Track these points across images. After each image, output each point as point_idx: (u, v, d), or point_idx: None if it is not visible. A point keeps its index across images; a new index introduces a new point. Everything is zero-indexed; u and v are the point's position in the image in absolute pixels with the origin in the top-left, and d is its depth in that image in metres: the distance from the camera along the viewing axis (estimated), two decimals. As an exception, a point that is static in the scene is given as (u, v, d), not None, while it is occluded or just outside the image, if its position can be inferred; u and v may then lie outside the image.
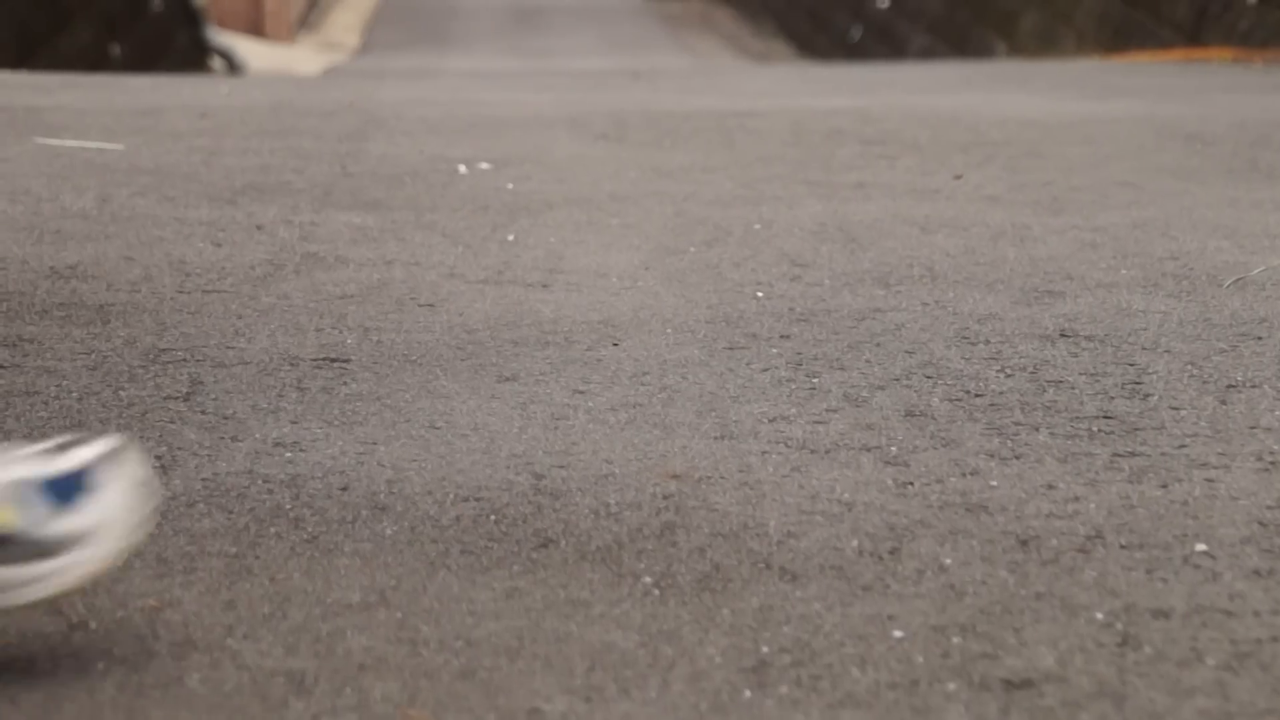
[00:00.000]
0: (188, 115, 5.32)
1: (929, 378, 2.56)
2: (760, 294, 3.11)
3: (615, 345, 2.74)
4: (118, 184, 4.01)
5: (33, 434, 2.26)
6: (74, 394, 2.43)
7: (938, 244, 3.56)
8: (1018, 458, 2.20)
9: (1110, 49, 12.17)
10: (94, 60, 12.82)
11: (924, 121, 5.48)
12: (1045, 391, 2.49)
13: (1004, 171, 4.53)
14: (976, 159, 4.71)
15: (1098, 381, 2.54)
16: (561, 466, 2.16)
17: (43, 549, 1.42)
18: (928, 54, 16.38)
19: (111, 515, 1.42)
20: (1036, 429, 2.32)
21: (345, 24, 26.41)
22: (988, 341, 2.76)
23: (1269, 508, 2.03)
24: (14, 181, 3.97)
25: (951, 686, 1.60)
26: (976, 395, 2.47)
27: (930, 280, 3.22)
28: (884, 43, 18.19)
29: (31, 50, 10.59)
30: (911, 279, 3.23)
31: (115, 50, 13.78)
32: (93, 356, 2.61)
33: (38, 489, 1.41)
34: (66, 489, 1.43)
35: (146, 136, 4.75)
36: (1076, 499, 2.05)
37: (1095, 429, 2.32)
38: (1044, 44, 13.78)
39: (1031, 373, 2.59)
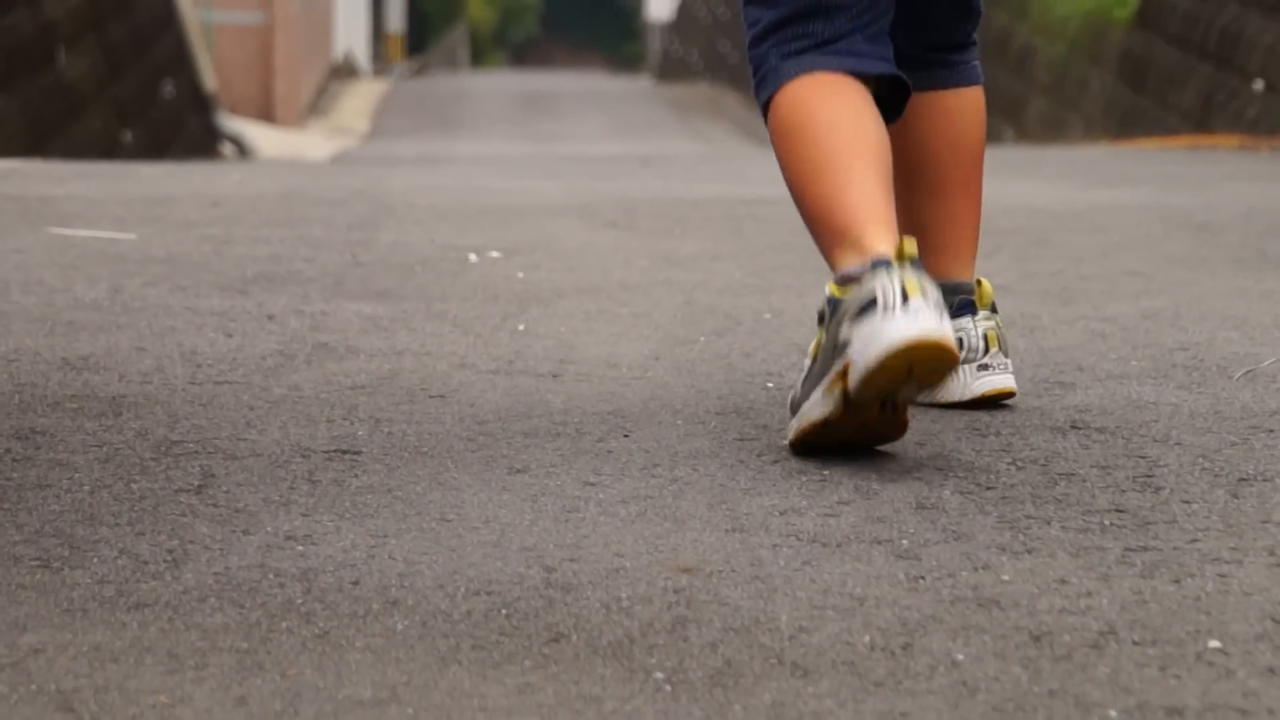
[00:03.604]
0: (199, 204, 5.35)
1: (940, 470, 2.56)
2: (771, 384, 3.11)
3: (626, 436, 2.74)
4: (130, 274, 4.02)
5: (44, 528, 2.27)
6: (86, 487, 2.43)
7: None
8: (1030, 552, 2.20)
9: (1118, 135, 12.21)
10: (106, 147, 12.89)
11: (933, 210, 5.49)
12: (1057, 484, 2.49)
13: (1013, 260, 4.54)
14: (985, 248, 4.72)
15: (1109, 474, 2.54)
16: (573, 560, 2.16)
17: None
18: (935, 140, 16.43)
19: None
20: (1048, 522, 2.32)
21: (355, 110, 26.55)
22: (998, 433, 2.76)
23: (1282, 603, 2.02)
24: (27, 272, 3.99)
25: (965, 785, 1.59)
26: (988, 488, 2.47)
27: (940, 371, 3.22)
28: (892, 129, 18.26)
29: (44, 138, 10.65)
30: (921, 370, 3.23)
31: (127, 137, 13.86)
32: (104, 449, 2.62)
33: None
34: None
35: (158, 226, 4.77)
36: (1089, 594, 2.05)
37: (1107, 523, 2.32)
38: (1051, 130, 13.84)
39: (1043, 465, 2.59)
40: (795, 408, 2.58)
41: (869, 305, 2.41)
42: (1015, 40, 14.90)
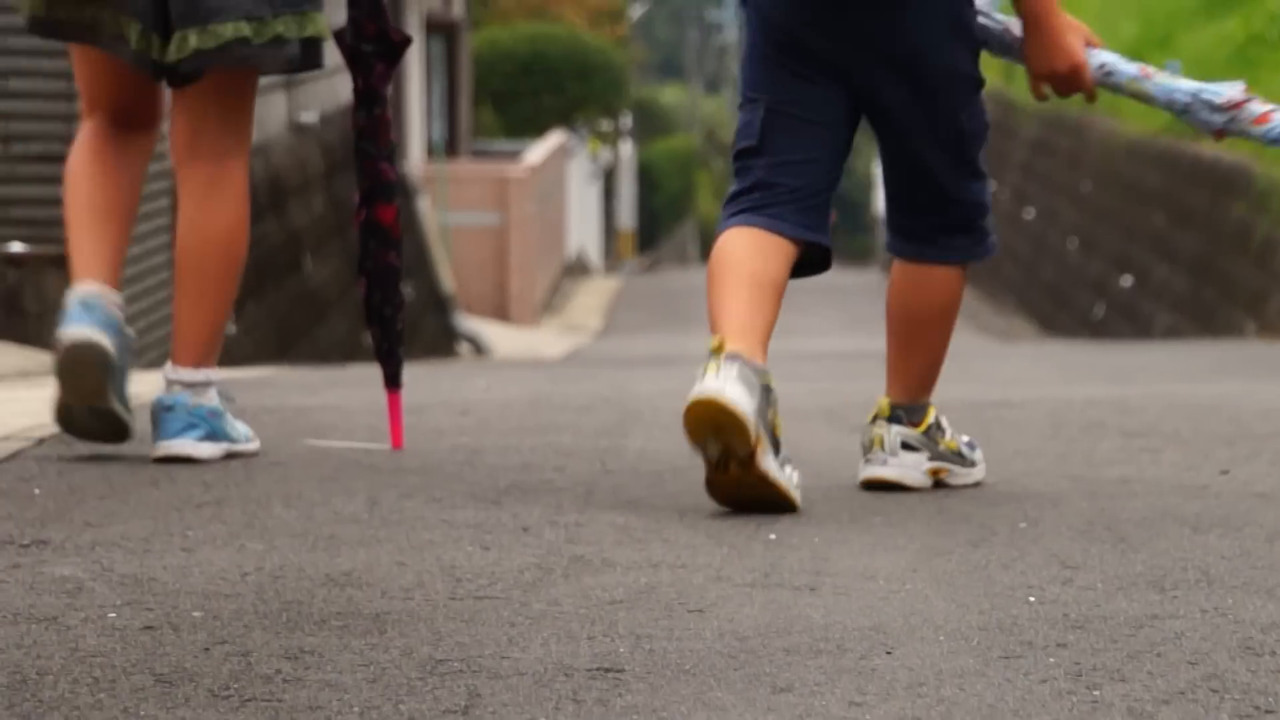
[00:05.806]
0: (448, 412, 5.42)
1: (1214, 691, 2.49)
2: (1032, 598, 3.06)
3: (889, 654, 2.71)
4: (386, 485, 4.08)
5: (318, 751, 2.28)
6: (355, 709, 2.45)
7: (1211, 545, 3.49)
8: (1318, 782, 2.13)
9: (1366, 328, 11.96)
10: (348, 349, 13.16)
11: (1183, 411, 5.42)
12: (1341, 708, 2.41)
13: (1272, 467, 4.44)
14: (1243, 452, 4.63)
15: (1396, 698, 2.46)
16: (844, 786, 2.13)
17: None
18: (1172, 333, 16.24)
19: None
20: (1335, 750, 2.24)
21: (587, 306, 26.90)
22: (1274, 653, 2.69)
23: None
24: (287, 485, 4.06)
25: None
26: (1268, 712, 2.40)
27: (1207, 585, 3.15)
28: (1128, 320, 18.09)
29: (290, 342, 10.91)
30: (1187, 583, 3.17)
31: (368, 339, 14.15)
32: (371, 669, 2.64)
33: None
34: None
35: (410, 435, 4.84)
36: (1386, 829, 1.98)
37: (1399, 751, 2.24)
38: (1295, 322, 13.59)
39: (1324, 687, 2.51)
40: None
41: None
42: (1256, 233, 14.71)
